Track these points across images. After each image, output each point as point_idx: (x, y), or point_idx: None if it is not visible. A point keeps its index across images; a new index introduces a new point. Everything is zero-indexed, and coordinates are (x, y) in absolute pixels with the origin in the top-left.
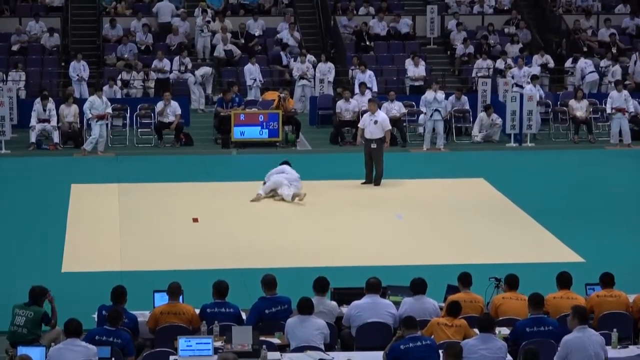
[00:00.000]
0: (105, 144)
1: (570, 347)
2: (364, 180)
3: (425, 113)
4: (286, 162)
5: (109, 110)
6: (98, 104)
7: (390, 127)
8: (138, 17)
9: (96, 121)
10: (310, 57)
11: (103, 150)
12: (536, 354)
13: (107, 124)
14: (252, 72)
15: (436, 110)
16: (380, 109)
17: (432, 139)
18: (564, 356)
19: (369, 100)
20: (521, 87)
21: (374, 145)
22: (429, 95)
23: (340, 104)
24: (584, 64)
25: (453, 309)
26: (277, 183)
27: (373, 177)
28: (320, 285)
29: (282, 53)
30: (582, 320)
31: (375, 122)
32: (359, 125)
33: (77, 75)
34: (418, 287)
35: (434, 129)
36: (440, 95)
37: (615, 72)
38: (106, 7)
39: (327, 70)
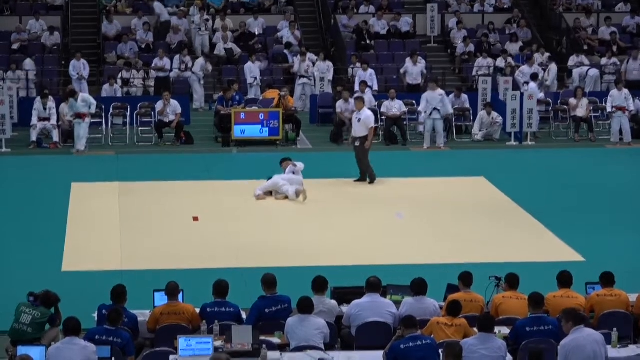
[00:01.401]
0: (106, 143)
1: (568, 350)
2: (356, 178)
3: (425, 112)
4: (287, 159)
5: (92, 110)
6: (73, 104)
7: (373, 125)
8: (139, 15)
9: (74, 119)
10: (311, 56)
11: (83, 149)
12: (541, 355)
13: (87, 123)
14: (252, 70)
15: (435, 109)
16: (380, 107)
17: (432, 138)
18: None
19: (355, 98)
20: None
21: (357, 144)
22: (429, 94)
23: (340, 104)
24: (582, 70)
25: (453, 309)
26: (274, 185)
27: (368, 177)
28: (319, 284)
29: (285, 51)
30: (576, 322)
31: (359, 120)
32: None
33: (77, 73)
34: (418, 287)
35: (434, 128)
36: (439, 93)
37: (551, 70)
38: (106, 6)
39: (325, 68)
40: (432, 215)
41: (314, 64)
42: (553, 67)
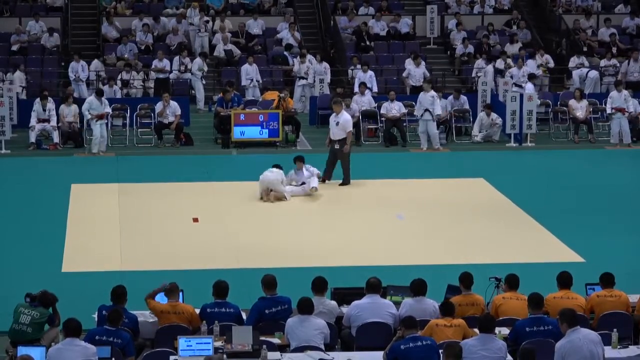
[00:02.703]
0: (106, 144)
1: (563, 352)
2: (323, 177)
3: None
4: (301, 159)
5: (108, 109)
6: (96, 105)
7: (351, 129)
8: (140, 17)
9: (95, 121)
10: (311, 57)
11: (104, 150)
12: (532, 353)
13: (106, 124)
14: (248, 72)
15: (426, 110)
16: (380, 109)
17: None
18: None
19: (334, 102)
20: (520, 86)
21: (336, 146)
22: (421, 95)
23: None
24: (581, 72)
25: (446, 309)
26: (270, 181)
27: (338, 176)
28: (318, 285)
29: (286, 53)
30: (572, 323)
31: (337, 123)
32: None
33: (75, 75)
34: (418, 288)
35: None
36: (431, 95)
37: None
38: (106, 7)
39: (322, 70)
40: (431, 216)
41: (312, 64)
42: (515, 71)
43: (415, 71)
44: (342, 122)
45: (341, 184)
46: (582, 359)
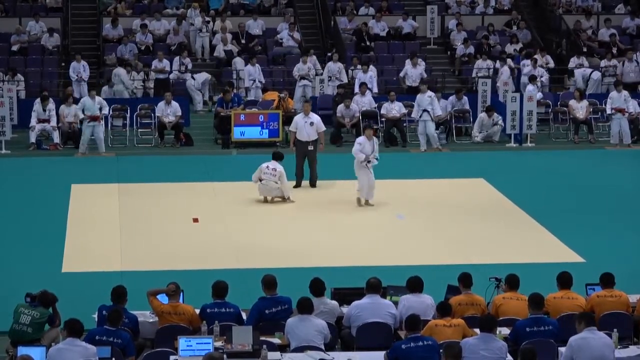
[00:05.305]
0: (106, 145)
1: (575, 347)
2: (295, 184)
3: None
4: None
5: (105, 111)
6: (89, 105)
7: (324, 129)
8: (142, 17)
9: (88, 122)
10: (312, 58)
11: (104, 151)
12: (532, 353)
13: (102, 125)
14: (250, 73)
15: (425, 110)
16: (380, 109)
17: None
18: (569, 356)
19: (305, 102)
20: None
21: (310, 147)
22: (419, 97)
23: (341, 108)
24: (584, 71)
25: (444, 310)
26: (270, 191)
27: (309, 180)
28: (316, 288)
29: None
30: (589, 324)
31: (312, 123)
32: (290, 128)
33: (77, 75)
34: (414, 285)
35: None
36: (429, 95)
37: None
38: (106, 7)
39: (337, 70)
40: (432, 216)
41: (313, 65)
42: (505, 69)
43: (412, 72)
44: (316, 123)
45: (312, 186)
46: (593, 359)
